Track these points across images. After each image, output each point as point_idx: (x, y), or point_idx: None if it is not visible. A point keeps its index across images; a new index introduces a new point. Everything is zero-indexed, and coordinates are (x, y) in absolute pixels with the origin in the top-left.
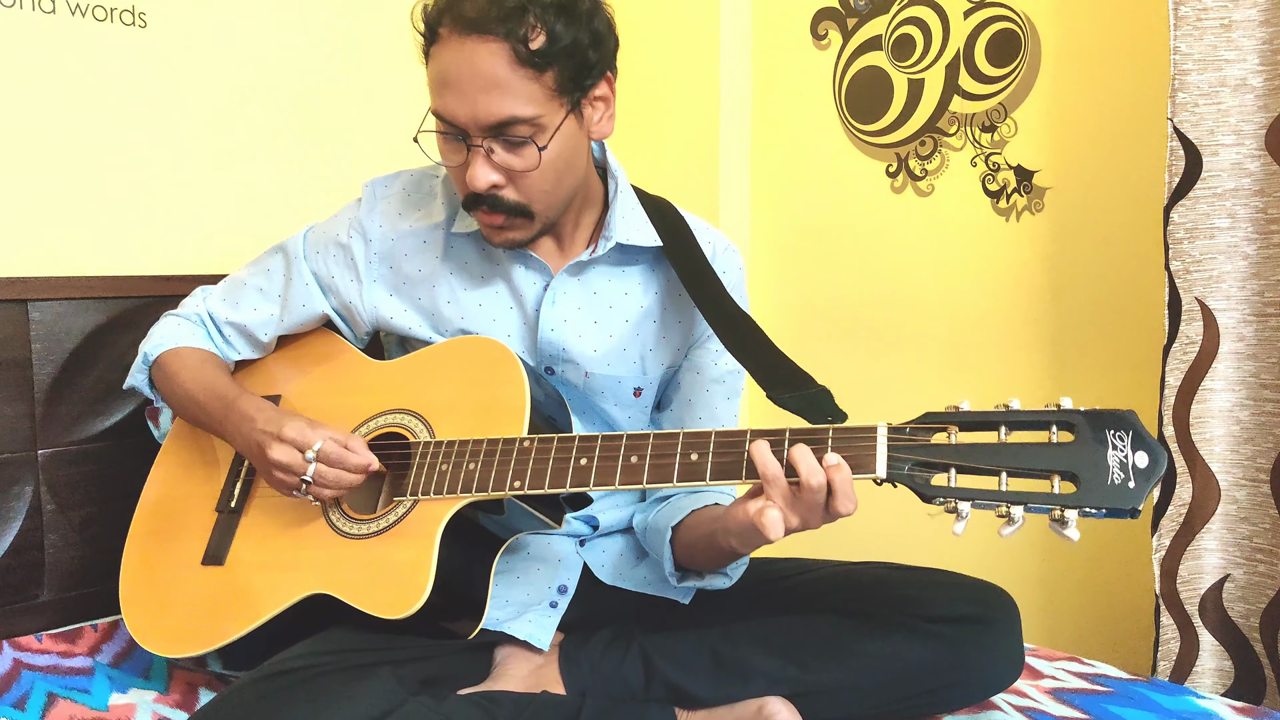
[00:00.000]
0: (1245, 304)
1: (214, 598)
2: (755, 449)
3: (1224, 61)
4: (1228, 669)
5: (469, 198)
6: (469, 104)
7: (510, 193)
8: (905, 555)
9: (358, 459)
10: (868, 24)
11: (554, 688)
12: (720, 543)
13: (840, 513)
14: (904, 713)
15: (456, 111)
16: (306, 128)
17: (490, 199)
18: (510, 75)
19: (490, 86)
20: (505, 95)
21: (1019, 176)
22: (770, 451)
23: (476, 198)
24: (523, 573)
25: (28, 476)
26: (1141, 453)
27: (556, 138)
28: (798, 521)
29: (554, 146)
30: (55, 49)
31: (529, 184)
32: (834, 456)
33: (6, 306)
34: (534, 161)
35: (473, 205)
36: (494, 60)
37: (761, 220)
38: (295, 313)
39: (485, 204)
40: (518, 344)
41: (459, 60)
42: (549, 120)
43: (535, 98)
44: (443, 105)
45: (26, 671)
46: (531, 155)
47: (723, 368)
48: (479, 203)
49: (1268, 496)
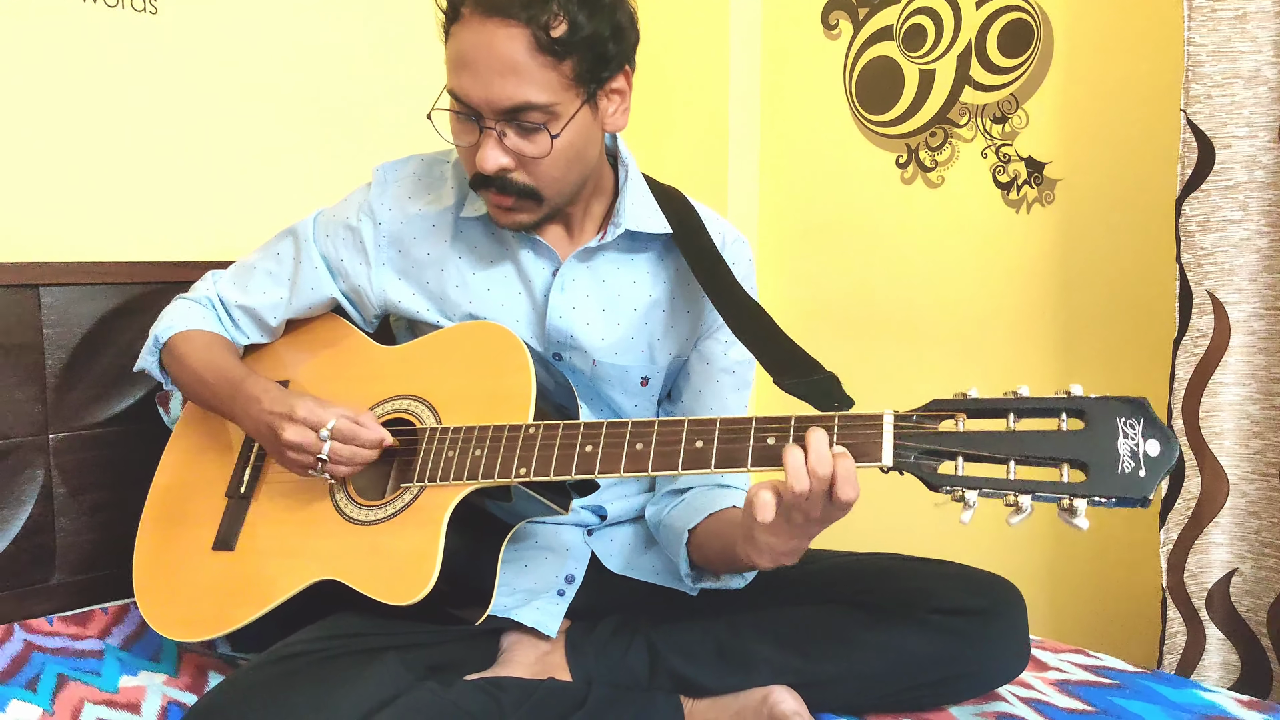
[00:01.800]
0: (1257, 297)
1: (224, 583)
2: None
3: (1238, 53)
4: (1234, 663)
5: (477, 178)
6: (484, 86)
7: (520, 176)
8: (911, 546)
9: (371, 434)
10: (879, 14)
11: (560, 675)
12: (740, 556)
13: (842, 498)
14: (909, 704)
15: (471, 92)
16: (317, 114)
17: (499, 181)
18: (528, 61)
19: (507, 70)
20: (521, 80)
21: (1030, 168)
22: (802, 460)
23: (485, 178)
24: (531, 561)
25: (39, 461)
26: (1153, 440)
27: (570, 127)
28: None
29: (566, 135)
30: (66, 35)
31: (539, 170)
32: (837, 446)
33: (18, 291)
34: (545, 149)
35: (481, 185)
36: (513, 44)
37: (770, 211)
38: (304, 296)
39: (494, 185)
40: (525, 329)
41: (478, 41)
42: (563, 109)
43: (551, 85)
44: (458, 85)
45: (37, 653)
46: (543, 142)
47: (732, 358)
48: (488, 184)
49: (1277, 491)
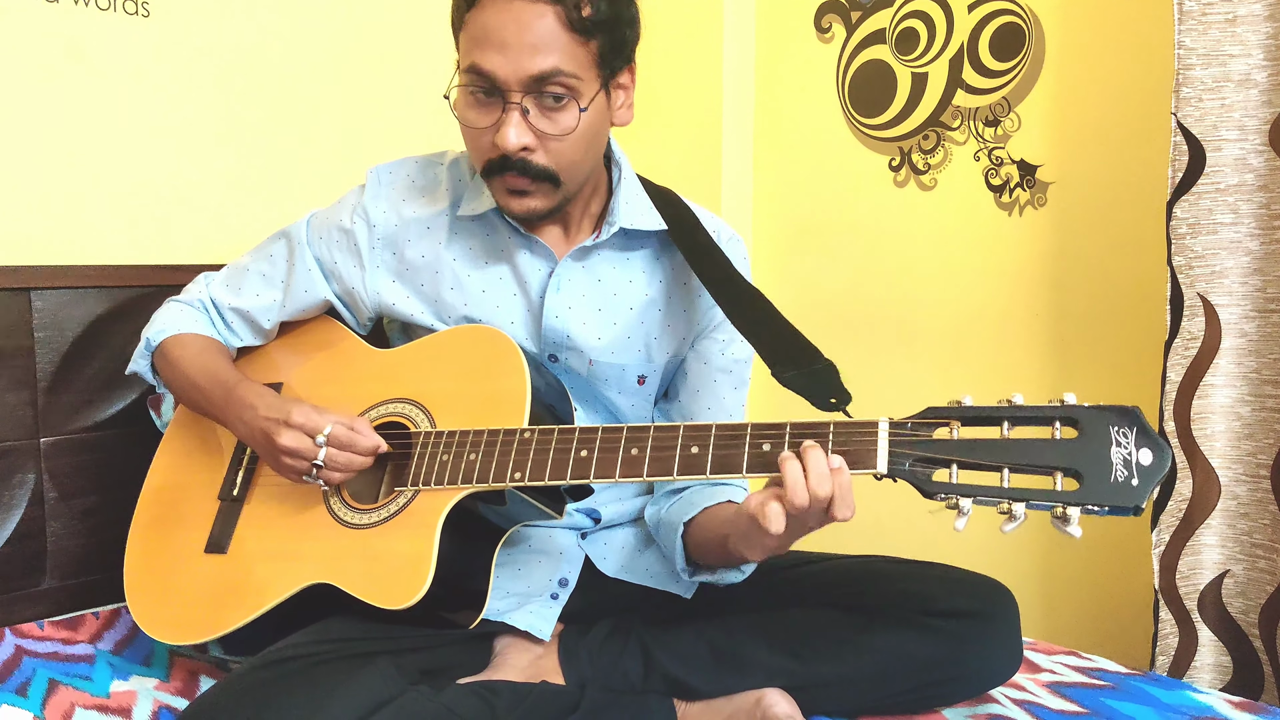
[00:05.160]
0: (1247, 299)
1: (216, 586)
2: (786, 467)
3: (1228, 56)
4: (1226, 664)
5: (492, 163)
6: (514, 57)
7: (539, 157)
8: (905, 550)
9: (367, 441)
10: (871, 17)
11: (553, 678)
12: (731, 549)
13: (837, 518)
14: (902, 706)
15: (498, 66)
16: (309, 117)
17: (519, 162)
18: (560, 35)
19: (539, 42)
20: (552, 51)
21: (1022, 171)
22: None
23: (504, 161)
24: (524, 564)
25: (30, 465)
26: (1146, 449)
27: (592, 107)
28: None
29: (589, 115)
30: (58, 37)
31: (560, 149)
32: (835, 459)
33: (9, 295)
34: (571, 124)
35: (497, 170)
36: (544, 21)
37: (764, 214)
38: (298, 298)
39: (514, 168)
40: (521, 331)
41: (506, 18)
42: (587, 88)
43: (580, 60)
44: (483, 59)
45: (28, 658)
46: (570, 117)
47: (730, 357)
48: (505, 167)
49: (1268, 493)
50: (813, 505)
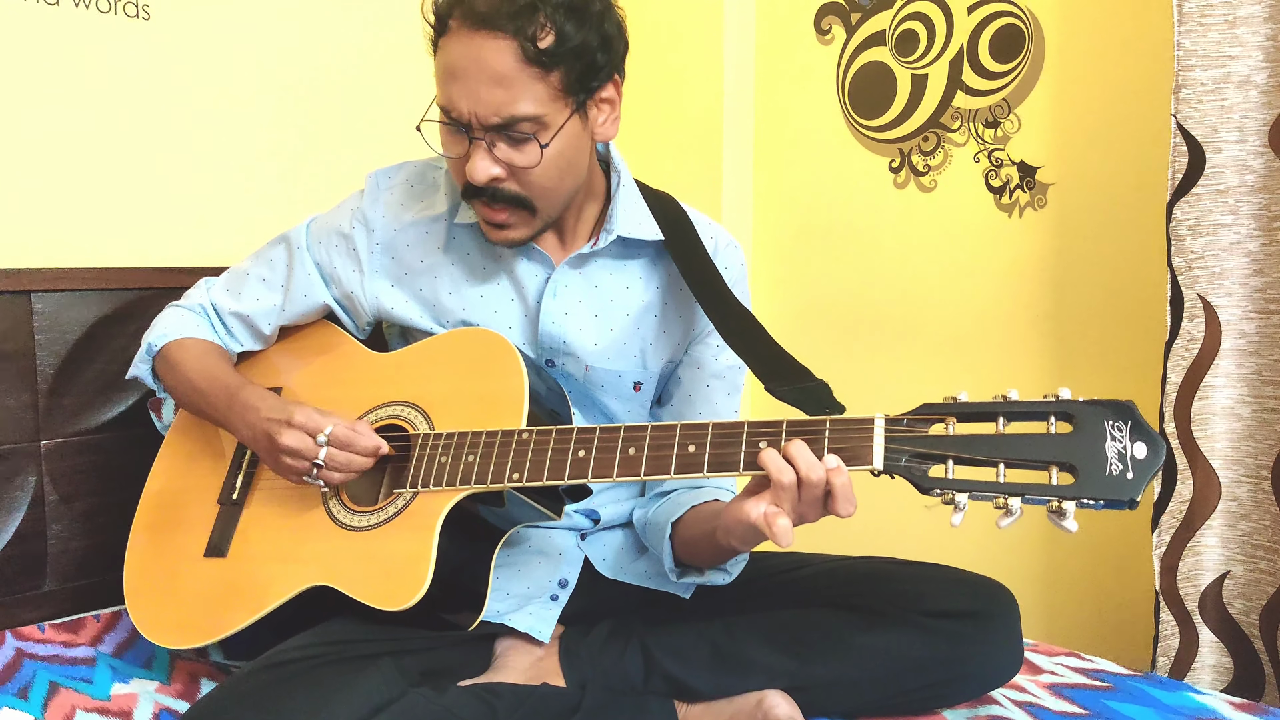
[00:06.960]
0: (1247, 300)
1: (217, 589)
2: (766, 458)
3: (1228, 58)
4: (1227, 665)
5: (468, 188)
6: (472, 98)
7: (511, 185)
8: (904, 549)
9: (367, 442)
10: (871, 19)
11: (554, 680)
12: (720, 541)
13: (839, 514)
14: (903, 707)
15: (460, 104)
16: (309, 120)
17: (490, 190)
18: (517, 72)
19: (495, 82)
20: (510, 92)
21: (1022, 172)
22: (782, 459)
23: (476, 189)
24: (524, 566)
25: (31, 467)
26: (1140, 443)
27: (559, 137)
28: (796, 518)
29: (556, 145)
30: (58, 41)
31: (529, 180)
32: (833, 459)
33: (9, 298)
34: (535, 159)
35: (472, 196)
36: (501, 56)
37: (764, 215)
38: (297, 303)
39: (485, 195)
40: (519, 336)
41: (466, 54)
42: (552, 119)
43: (540, 97)
44: (447, 97)
45: (29, 661)
46: (533, 153)
47: (723, 363)
48: (479, 194)
49: (1268, 494)
50: (804, 487)
